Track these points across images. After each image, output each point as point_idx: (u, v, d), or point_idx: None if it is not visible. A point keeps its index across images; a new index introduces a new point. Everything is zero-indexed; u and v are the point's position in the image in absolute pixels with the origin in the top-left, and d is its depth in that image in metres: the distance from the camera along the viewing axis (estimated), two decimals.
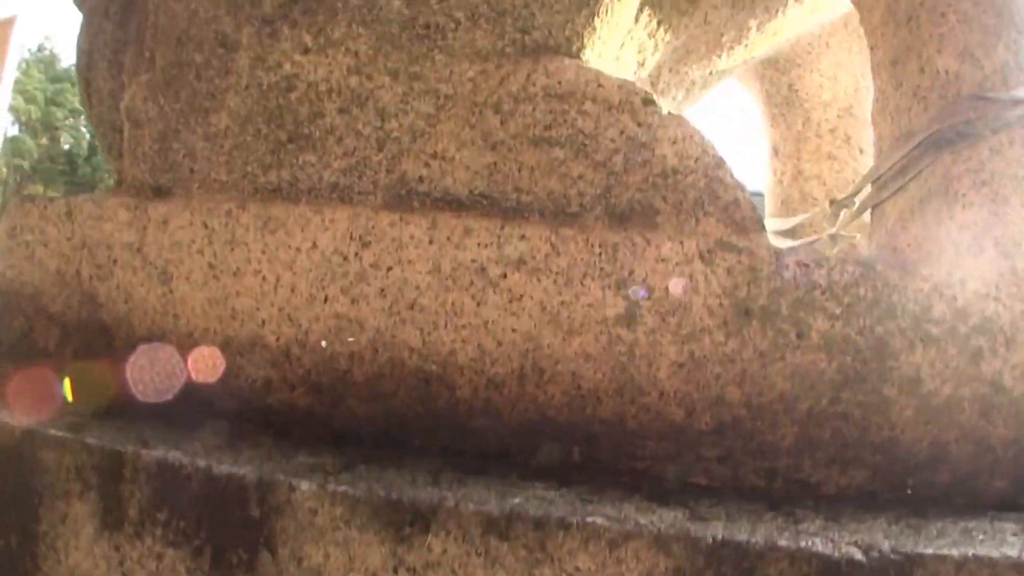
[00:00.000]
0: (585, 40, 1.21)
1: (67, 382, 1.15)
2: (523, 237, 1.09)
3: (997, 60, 1.20)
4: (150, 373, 1.15)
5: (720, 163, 1.12)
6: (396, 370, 1.09)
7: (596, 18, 1.21)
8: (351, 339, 1.09)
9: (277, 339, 1.12)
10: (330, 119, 1.16)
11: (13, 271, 1.29)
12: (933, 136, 1.19)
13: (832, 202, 1.41)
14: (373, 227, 1.12)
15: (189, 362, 1.13)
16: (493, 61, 1.16)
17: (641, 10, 1.31)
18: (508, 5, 1.17)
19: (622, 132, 1.11)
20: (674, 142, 1.12)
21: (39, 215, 1.29)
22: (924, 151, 1.20)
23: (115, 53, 1.38)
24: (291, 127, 1.17)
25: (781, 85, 1.88)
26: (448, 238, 1.10)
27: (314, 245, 1.13)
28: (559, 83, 1.13)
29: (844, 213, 1.39)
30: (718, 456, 1.06)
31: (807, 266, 1.09)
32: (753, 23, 1.47)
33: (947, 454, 1.08)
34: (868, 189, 1.40)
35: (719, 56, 1.50)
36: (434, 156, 1.14)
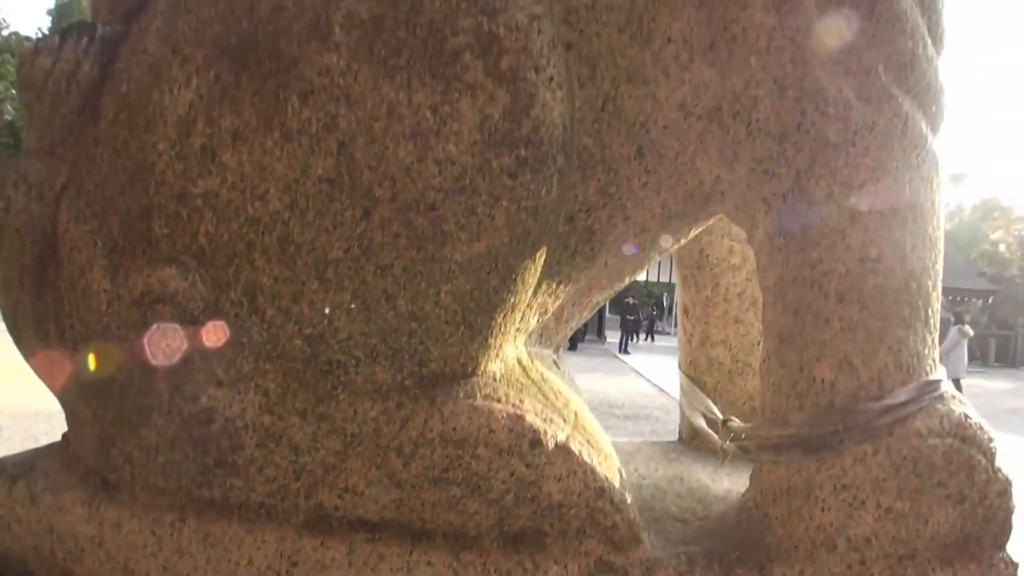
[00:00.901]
0: (480, 360, 1.27)
1: None
2: (429, 563, 1.26)
3: (875, 367, 1.26)
4: None
5: (601, 493, 1.25)
6: None
7: (490, 339, 1.26)
8: None
9: None
10: (249, 451, 1.27)
11: None
12: (803, 438, 1.29)
13: (725, 423, 1.52)
14: (299, 549, 1.28)
15: None
16: (393, 399, 1.24)
17: (539, 285, 1.34)
18: (404, 343, 1.22)
19: (512, 474, 1.23)
20: (559, 479, 1.23)
21: (6, 494, 1.44)
22: (794, 444, 1.30)
23: (38, 322, 1.43)
24: (215, 455, 1.28)
25: (692, 250, 1.86)
26: (364, 562, 1.27)
27: (250, 561, 1.30)
28: (454, 429, 1.22)
29: (734, 433, 1.51)
30: None
31: None
32: (655, 254, 1.48)
33: None
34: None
35: (622, 282, 1.52)
36: (346, 490, 1.26)
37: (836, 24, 1.27)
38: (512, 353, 1.37)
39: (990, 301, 26.68)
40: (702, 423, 1.74)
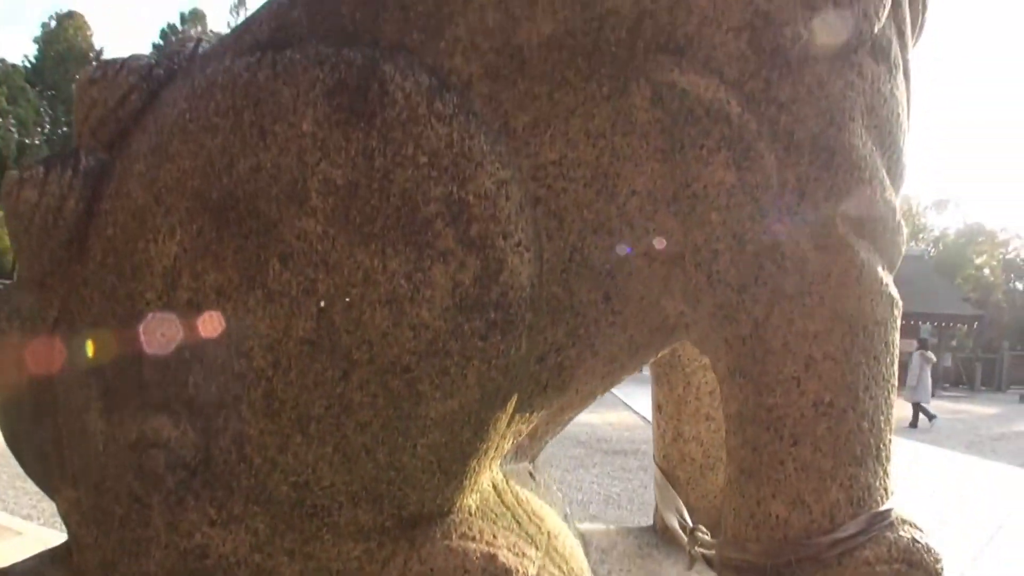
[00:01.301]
0: (456, 500, 1.35)
1: None
2: None
3: (827, 503, 1.34)
4: None
5: None
6: None
7: (465, 480, 1.34)
8: None
9: None
10: None
11: None
12: (759, 566, 1.37)
13: (693, 531, 1.61)
14: None
15: None
16: (375, 540, 1.32)
17: (512, 418, 1.41)
18: (384, 490, 1.30)
19: None
20: None
21: None
22: (752, 570, 1.39)
23: (39, 448, 1.50)
24: None
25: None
26: None
27: None
28: (431, 570, 1.31)
29: (700, 539, 1.60)
30: None
31: None
32: (624, 375, 1.55)
33: None
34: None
35: (594, 400, 1.59)
36: None
37: (794, 177, 1.32)
38: (487, 480, 1.45)
39: (975, 326, 26.65)
40: (674, 524, 1.83)
